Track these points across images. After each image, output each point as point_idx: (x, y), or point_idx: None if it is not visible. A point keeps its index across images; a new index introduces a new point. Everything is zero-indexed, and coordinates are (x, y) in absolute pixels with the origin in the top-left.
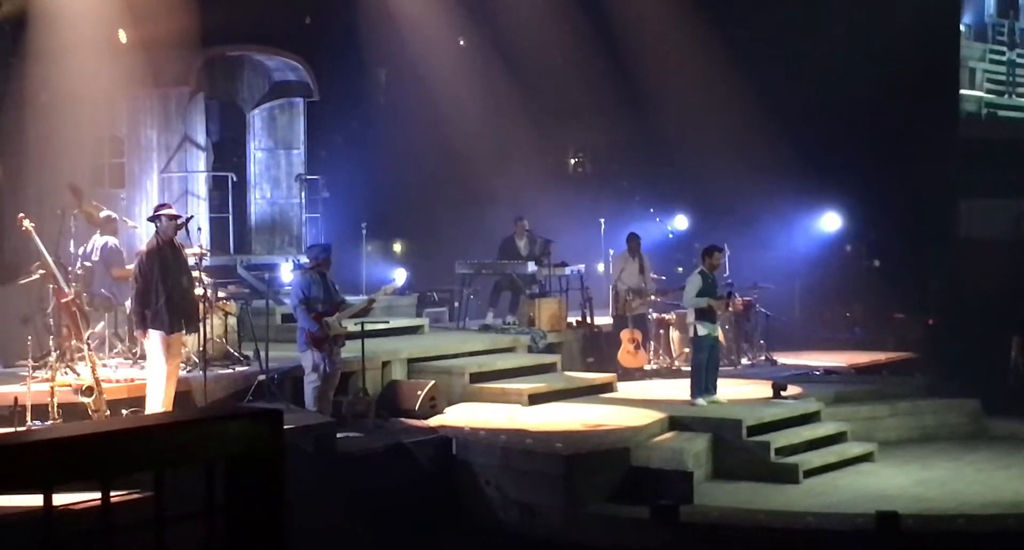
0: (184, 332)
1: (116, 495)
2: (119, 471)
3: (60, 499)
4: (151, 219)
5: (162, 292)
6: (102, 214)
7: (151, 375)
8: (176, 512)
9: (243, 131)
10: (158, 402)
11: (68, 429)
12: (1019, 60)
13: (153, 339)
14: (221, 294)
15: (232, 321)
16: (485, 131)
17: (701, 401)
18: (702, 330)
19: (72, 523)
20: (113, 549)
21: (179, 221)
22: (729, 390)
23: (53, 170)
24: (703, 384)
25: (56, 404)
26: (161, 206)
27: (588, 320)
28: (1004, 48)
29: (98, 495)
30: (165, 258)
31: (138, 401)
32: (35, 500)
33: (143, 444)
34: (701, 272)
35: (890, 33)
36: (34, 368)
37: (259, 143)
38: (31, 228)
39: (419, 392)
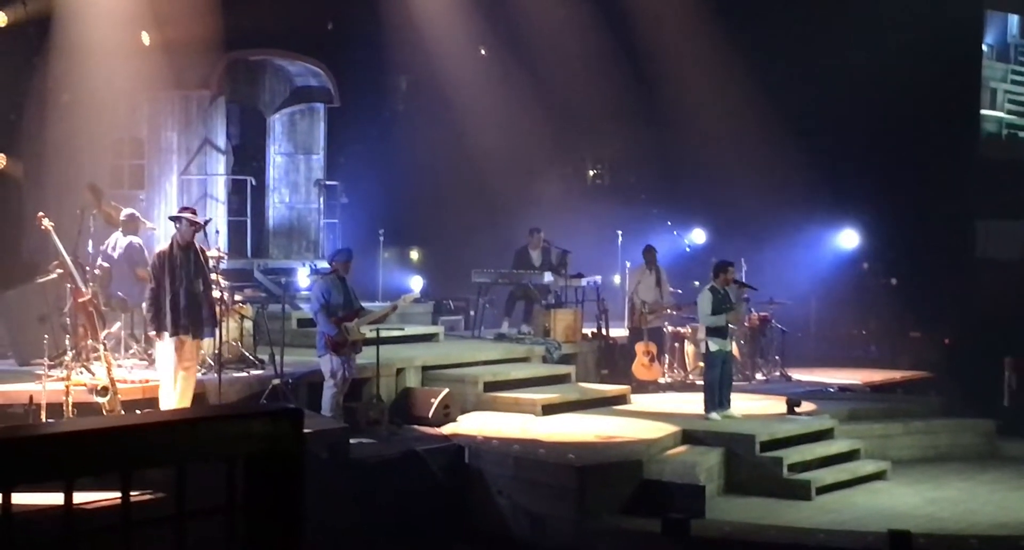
0: (191, 336)
1: (132, 495)
2: (140, 465)
3: (78, 498)
4: (172, 218)
5: (167, 294)
6: (124, 213)
7: (160, 376)
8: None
9: (263, 135)
10: (170, 404)
11: (89, 422)
12: None
13: (162, 340)
14: (237, 297)
15: (248, 325)
16: (504, 140)
17: (715, 415)
18: (713, 346)
19: (89, 522)
20: (131, 547)
21: (197, 226)
22: (743, 405)
23: (73, 170)
24: (716, 399)
25: (71, 403)
26: (184, 209)
27: (603, 332)
28: None
29: (114, 495)
30: (175, 260)
31: (153, 403)
32: (52, 498)
33: (165, 439)
34: (711, 288)
35: (912, 52)
36: (50, 367)
37: (279, 147)
38: (50, 227)
39: (433, 400)
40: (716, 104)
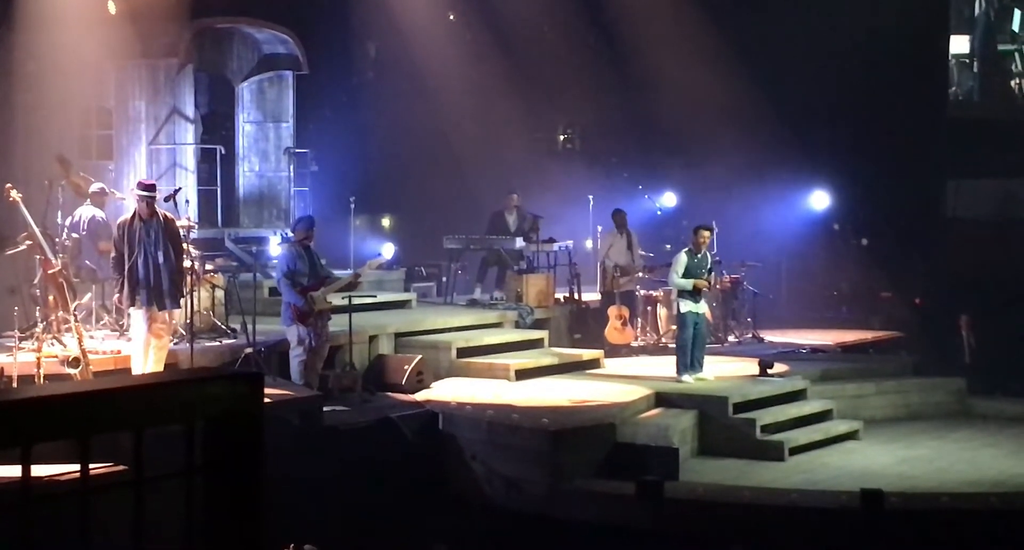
0: (156, 308)
1: (96, 467)
2: (97, 430)
3: (41, 471)
4: (134, 192)
5: (127, 264)
6: (93, 187)
7: (131, 347)
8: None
9: (232, 104)
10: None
11: (46, 389)
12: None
13: (132, 311)
14: (208, 267)
15: (219, 294)
16: (474, 106)
17: (688, 378)
18: (684, 307)
19: (52, 490)
20: (92, 515)
21: (152, 200)
22: (716, 367)
23: (40, 141)
24: (689, 361)
25: (42, 375)
26: (148, 186)
27: (575, 296)
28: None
29: (77, 467)
30: (135, 231)
31: (124, 373)
32: (13, 471)
33: (122, 404)
34: (688, 250)
35: (882, 11)
36: (20, 339)
37: (248, 116)
38: (18, 198)
39: (406, 366)
40: (686, 68)
